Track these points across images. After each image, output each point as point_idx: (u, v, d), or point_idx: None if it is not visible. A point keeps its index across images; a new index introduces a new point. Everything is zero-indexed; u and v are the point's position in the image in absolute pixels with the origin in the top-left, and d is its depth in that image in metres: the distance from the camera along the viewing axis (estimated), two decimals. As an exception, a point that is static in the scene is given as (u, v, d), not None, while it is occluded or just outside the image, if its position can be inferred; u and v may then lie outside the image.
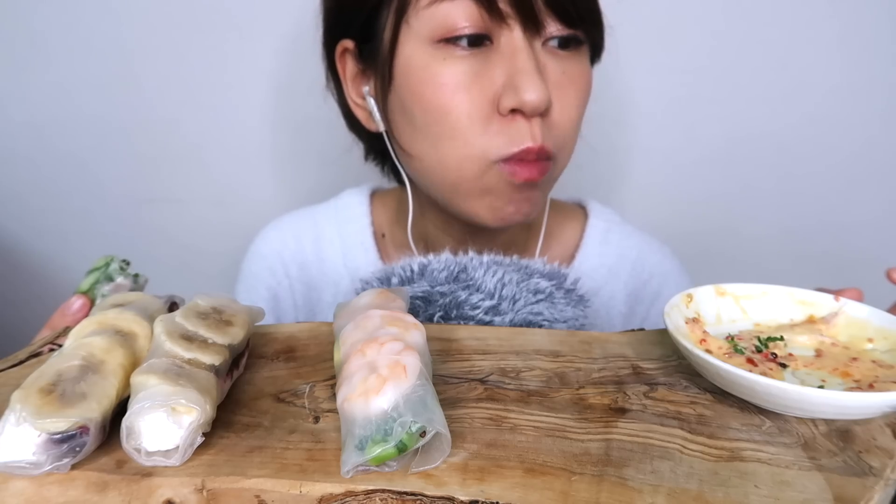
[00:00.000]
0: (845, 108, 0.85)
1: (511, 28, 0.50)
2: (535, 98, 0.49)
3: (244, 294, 0.71)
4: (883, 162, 0.87)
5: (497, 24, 0.50)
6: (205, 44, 0.87)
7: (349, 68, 0.59)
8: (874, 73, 0.83)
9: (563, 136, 0.54)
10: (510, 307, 0.48)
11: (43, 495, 0.28)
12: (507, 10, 0.49)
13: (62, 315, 0.48)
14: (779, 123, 0.87)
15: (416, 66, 0.51)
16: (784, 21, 0.83)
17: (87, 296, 0.50)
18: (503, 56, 0.50)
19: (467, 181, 0.53)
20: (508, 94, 0.50)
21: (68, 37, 0.87)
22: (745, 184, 0.91)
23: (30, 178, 0.94)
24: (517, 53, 0.50)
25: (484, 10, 0.49)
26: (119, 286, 0.52)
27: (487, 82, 0.51)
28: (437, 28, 0.50)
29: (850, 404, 0.30)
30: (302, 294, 0.69)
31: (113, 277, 0.52)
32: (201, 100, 0.90)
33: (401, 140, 0.56)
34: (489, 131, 0.51)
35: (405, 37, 0.52)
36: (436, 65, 0.51)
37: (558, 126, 0.53)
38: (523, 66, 0.49)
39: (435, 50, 0.51)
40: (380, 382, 0.30)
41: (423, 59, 0.51)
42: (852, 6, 0.81)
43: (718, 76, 0.85)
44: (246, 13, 0.86)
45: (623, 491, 0.27)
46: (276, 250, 0.70)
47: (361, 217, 0.68)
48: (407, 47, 0.52)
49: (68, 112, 0.91)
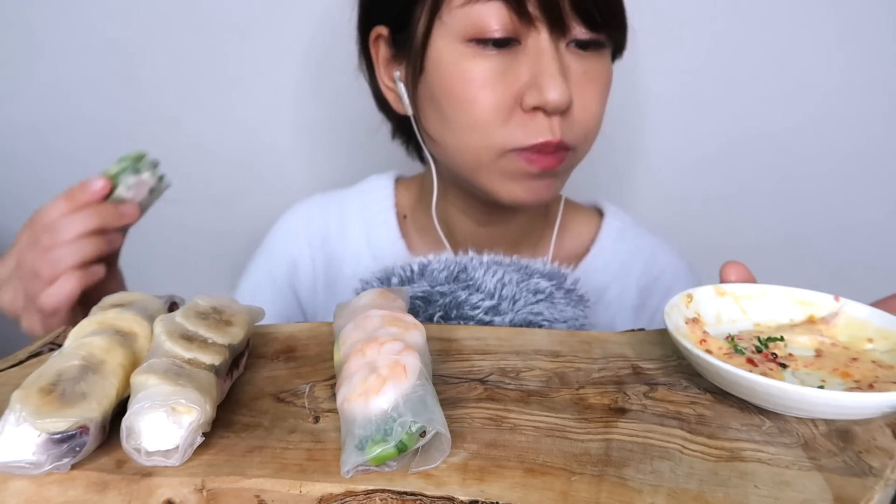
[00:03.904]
0: (845, 109, 0.85)
1: (538, 30, 0.52)
2: (556, 98, 0.51)
3: (263, 264, 0.73)
4: (883, 162, 0.87)
5: (525, 26, 0.52)
6: (205, 44, 0.87)
7: (382, 53, 0.61)
8: (875, 74, 0.83)
9: (583, 131, 0.57)
10: (510, 307, 0.48)
11: (43, 495, 0.28)
12: (535, 14, 0.52)
13: (82, 189, 0.50)
14: (779, 124, 0.87)
15: (447, 61, 0.54)
16: (784, 21, 0.83)
17: (111, 181, 0.51)
18: (529, 56, 0.53)
19: (486, 165, 0.56)
20: (532, 92, 0.52)
21: (68, 37, 0.87)
22: (745, 184, 0.91)
23: (30, 178, 0.94)
24: (542, 55, 0.52)
25: (514, 13, 0.51)
26: (143, 182, 0.52)
27: (513, 80, 0.53)
28: (468, 28, 0.53)
29: (849, 404, 0.30)
30: (323, 264, 0.71)
31: (140, 171, 0.52)
32: (202, 100, 0.90)
33: (426, 125, 0.59)
34: (510, 124, 0.54)
35: (437, 32, 0.55)
36: (466, 62, 0.53)
37: (579, 122, 0.56)
38: (547, 68, 0.52)
39: (465, 48, 0.53)
40: (380, 382, 0.30)
41: (453, 55, 0.54)
42: (852, 6, 0.81)
43: (718, 76, 0.85)
44: (246, 13, 0.86)
45: (623, 491, 0.27)
46: (301, 223, 0.73)
47: (385, 199, 0.71)
48: (439, 42, 0.55)
49: (68, 112, 0.91)
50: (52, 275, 0.48)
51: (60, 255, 0.48)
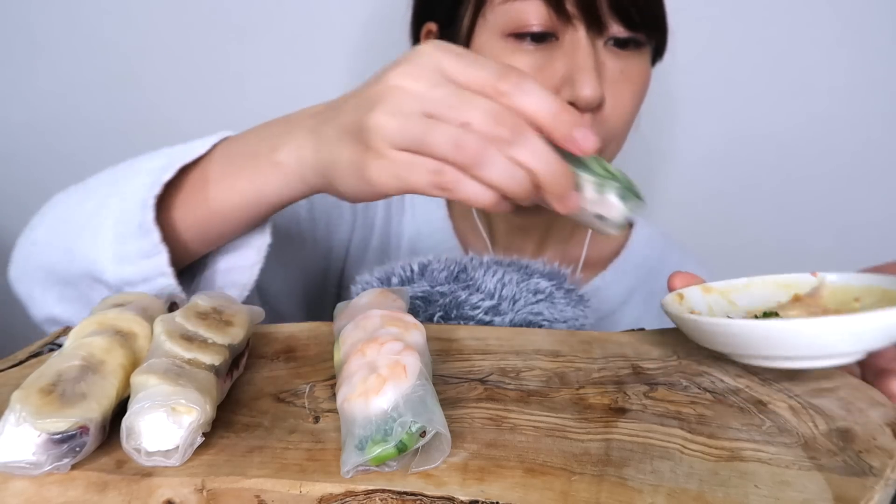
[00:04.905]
0: (845, 109, 0.85)
1: (576, 28, 0.54)
2: (588, 94, 0.53)
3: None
4: (884, 162, 0.87)
5: (563, 23, 0.54)
6: (205, 44, 0.87)
7: None
8: (875, 74, 0.83)
9: (613, 130, 0.58)
10: (510, 307, 0.48)
11: (43, 495, 0.28)
12: (573, 11, 0.54)
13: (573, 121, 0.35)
14: (779, 124, 0.87)
15: (488, 54, 0.57)
16: (784, 21, 0.83)
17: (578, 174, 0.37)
18: (565, 52, 0.55)
19: None
20: (566, 87, 0.54)
21: (68, 37, 0.87)
22: (746, 184, 0.91)
23: (30, 178, 0.94)
24: (578, 51, 0.54)
25: (552, 10, 0.53)
26: (603, 202, 0.38)
27: (549, 73, 0.55)
28: (509, 23, 0.55)
29: (807, 332, 0.31)
30: (361, 225, 0.71)
31: (605, 191, 0.38)
32: (202, 100, 0.90)
33: None
34: None
35: (480, 28, 0.58)
36: (505, 56, 0.56)
37: (609, 120, 0.57)
38: (582, 64, 0.54)
39: (505, 42, 0.56)
40: (380, 382, 0.30)
41: (494, 49, 0.57)
42: (852, 6, 0.81)
43: (718, 76, 0.85)
44: (246, 13, 0.86)
45: (623, 491, 0.27)
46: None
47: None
48: (481, 37, 0.58)
49: (68, 112, 0.91)
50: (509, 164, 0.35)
51: (532, 145, 0.35)
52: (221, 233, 0.47)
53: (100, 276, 0.45)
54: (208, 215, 0.45)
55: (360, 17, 0.88)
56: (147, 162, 0.47)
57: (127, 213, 0.44)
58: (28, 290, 0.50)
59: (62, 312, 0.49)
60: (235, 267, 0.49)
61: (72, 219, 0.48)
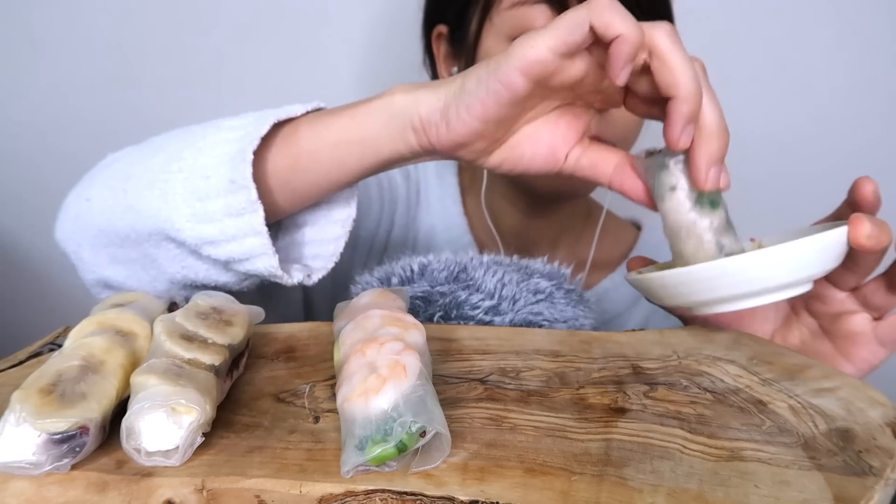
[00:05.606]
0: (845, 109, 0.85)
1: None
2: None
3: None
4: (883, 162, 0.87)
5: None
6: (205, 44, 0.87)
7: (442, 50, 0.67)
8: (875, 74, 0.83)
9: (622, 131, 0.59)
10: (510, 307, 0.48)
11: (43, 495, 0.28)
12: None
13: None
14: (779, 123, 0.87)
15: None
16: (784, 21, 0.83)
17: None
18: None
19: None
20: None
21: (68, 37, 0.87)
22: (745, 183, 0.90)
23: (30, 178, 0.94)
24: None
25: (556, 14, 0.53)
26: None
27: None
28: (515, 28, 0.56)
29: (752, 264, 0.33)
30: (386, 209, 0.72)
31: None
32: (202, 100, 0.90)
33: None
34: None
35: (487, 31, 0.59)
36: None
37: (617, 123, 0.58)
38: None
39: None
40: (380, 382, 0.30)
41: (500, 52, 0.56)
42: (852, 6, 0.81)
43: (718, 76, 0.85)
44: (246, 13, 0.86)
45: (623, 491, 0.27)
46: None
47: (453, 174, 0.76)
48: (488, 41, 0.59)
49: (68, 112, 0.91)
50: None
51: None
52: (309, 181, 0.44)
53: (174, 235, 0.43)
54: (298, 156, 0.43)
55: (360, 18, 0.88)
56: (223, 122, 0.45)
57: (209, 168, 0.41)
58: (76, 250, 0.48)
59: (114, 274, 0.47)
60: (318, 239, 0.48)
61: (134, 175, 0.45)
